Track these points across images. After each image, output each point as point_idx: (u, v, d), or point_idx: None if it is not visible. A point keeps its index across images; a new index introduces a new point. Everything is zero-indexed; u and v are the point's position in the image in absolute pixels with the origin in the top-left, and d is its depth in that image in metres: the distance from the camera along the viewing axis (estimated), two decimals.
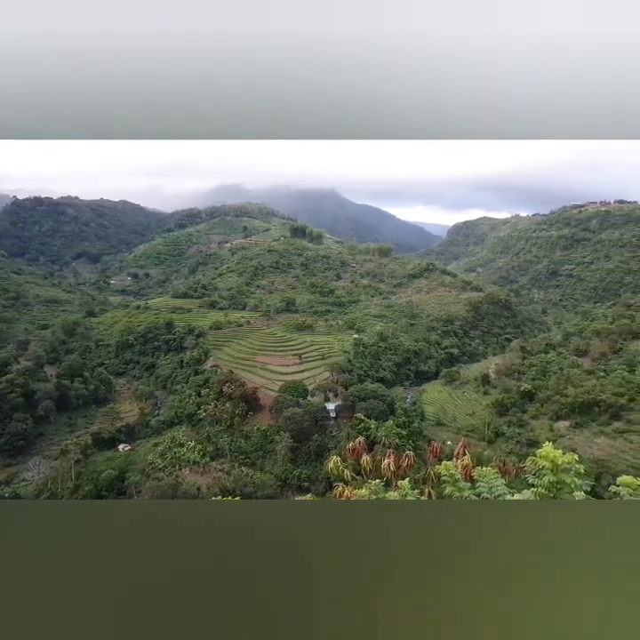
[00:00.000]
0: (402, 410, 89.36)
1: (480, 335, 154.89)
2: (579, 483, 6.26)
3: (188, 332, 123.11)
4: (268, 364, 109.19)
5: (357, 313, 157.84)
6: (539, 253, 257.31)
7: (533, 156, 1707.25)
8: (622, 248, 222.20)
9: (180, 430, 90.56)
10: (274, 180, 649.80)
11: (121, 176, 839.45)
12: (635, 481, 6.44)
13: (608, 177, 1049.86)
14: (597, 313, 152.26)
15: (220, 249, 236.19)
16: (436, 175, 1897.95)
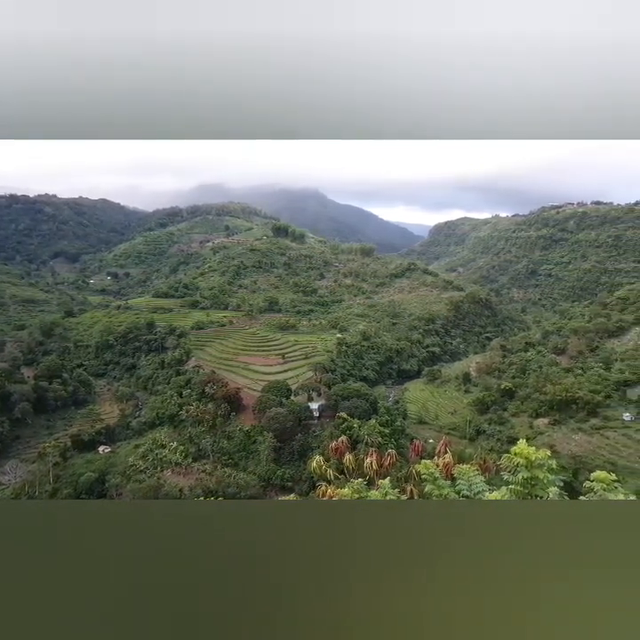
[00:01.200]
0: (384, 409, 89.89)
1: (461, 334, 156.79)
2: (551, 478, 6.38)
3: (169, 333, 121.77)
4: (251, 363, 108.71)
5: (340, 312, 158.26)
6: (518, 253, 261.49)
7: (516, 157, 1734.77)
8: (598, 248, 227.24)
9: (161, 431, 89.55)
10: (256, 180, 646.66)
11: (100, 174, 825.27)
12: (608, 476, 6.59)
13: (587, 178, 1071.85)
14: (575, 312, 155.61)
15: (202, 248, 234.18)
16: (419, 176, 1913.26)
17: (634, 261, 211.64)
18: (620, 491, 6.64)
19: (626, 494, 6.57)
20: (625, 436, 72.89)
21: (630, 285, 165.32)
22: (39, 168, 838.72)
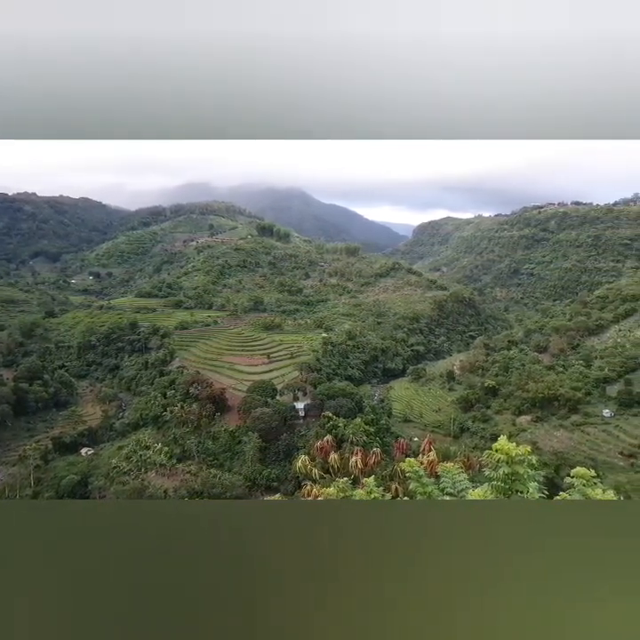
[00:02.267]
0: (370, 407, 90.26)
1: (445, 333, 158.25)
2: (531, 473, 6.50)
3: (152, 333, 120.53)
4: (236, 363, 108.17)
5: (326, 312, 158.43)
6: (501, 253, 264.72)
7: (500, 157, 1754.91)
8: (579, 248, 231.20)
9: (145, 433, 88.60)
10: (241, 179, 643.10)
11: (81, 173, 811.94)
12: (588, 472, 6.73)
13: (570, 178, 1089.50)
14: (556, 310, 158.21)
15: (186, 247, 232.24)
16: (404, 176, 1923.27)
17: (612, 261, 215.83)
18: (599, 487, 6.79)
19: (605, 490, 6.71)
20: (605, 432, 74.33)
21: (609, 284, 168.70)
22: (18, 167, 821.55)
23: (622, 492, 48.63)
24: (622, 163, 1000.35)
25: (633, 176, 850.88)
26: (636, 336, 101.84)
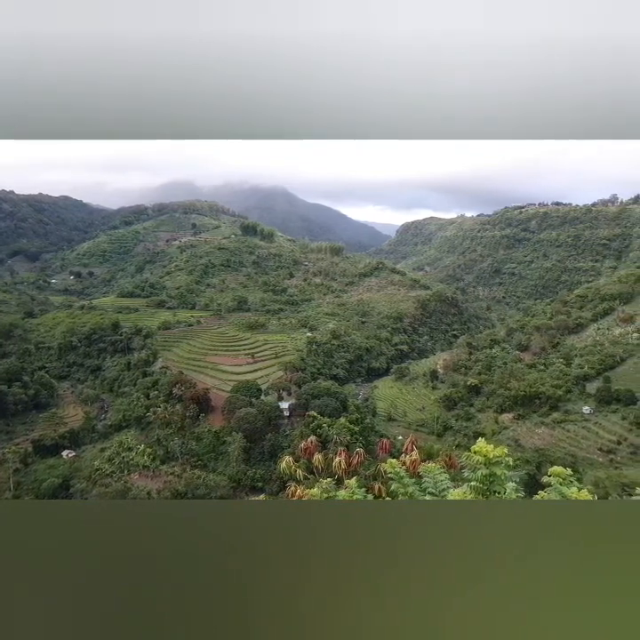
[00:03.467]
0: (354, 406, 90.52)
1: (428, 332, 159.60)
2: (508, 474, 6.64)
3: (135, 333, 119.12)
4: (220, 364, 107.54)
5: (310, 311, 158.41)
6: (483, 252, 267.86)
7: (484, 157, 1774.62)
8: (559, 248, 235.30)
9: (128, 434, 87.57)
10: (225, 178, 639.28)
11: (61, 171, 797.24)
12: (564, 471, 6.88)
13: (553, 179, 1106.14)
14: (537, 309, 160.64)
15: (169, 247, 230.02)
16: (389, 176, 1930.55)
17: (591, 260, 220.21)
18: (575, 485, 6.94)
19: (580, 488, 6.87)
20: (584, 428, 75.80)
21: (588, 284, 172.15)
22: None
23: (601, 488, 49.70)
24: (602, 163, 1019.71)
25: (611, 177, 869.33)
26: (614, 334, 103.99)
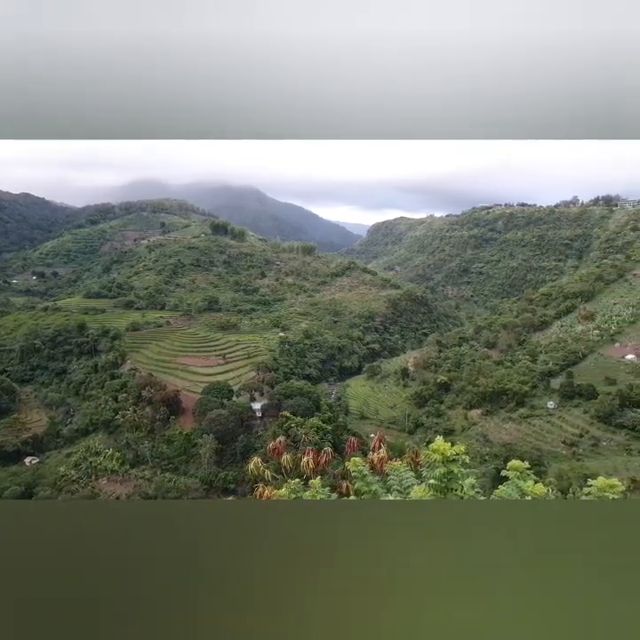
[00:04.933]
0: (327, 406, 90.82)
1: (399, 330, 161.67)
2: (465, 472, 6.80)
3: (102, 334, 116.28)
4: (191, 365, 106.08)
5: (282, 311, 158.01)
6: (452, 252, 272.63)
7: (453, 158, 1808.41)
8: (524, 247, 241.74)
9: (95, 438, 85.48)
10: (195, 177, 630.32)
11: (22, 167, 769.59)
12: (522, 465, 7.12)
13: (520, 179, 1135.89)
14: (504, 307, 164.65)
15: (137, 246, 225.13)
16: (359, 176, 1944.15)
17: (555, 260, 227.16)
18: (532, 478, 7.18)
19: (537, 481, 7.11)
20: (549, 422, 78.20)
21: (552, 282, 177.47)
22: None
23: (565, 480, 51.33)
24: (566, 164, 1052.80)
25: (574, 178, 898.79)
26: (577, 331, 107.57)
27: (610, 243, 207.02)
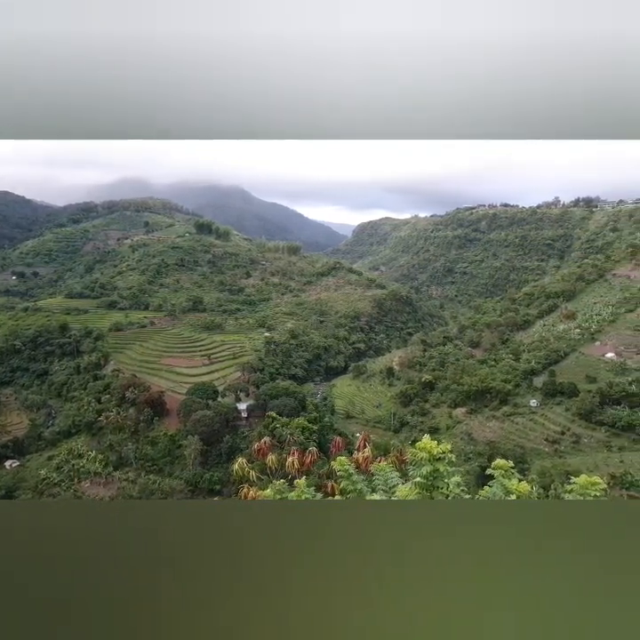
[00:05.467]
0: (313, 405, 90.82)
1: (384, 330, 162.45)
2: (450, 470, 6.88)
3: (85, 335, 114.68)
4: (175, 366, 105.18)
5: (268, 311, 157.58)
6: (436, 252, 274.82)
7: (438, 158, 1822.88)
8: (507, 247, 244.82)
9: (78, 440, 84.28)
10: (179, 176, 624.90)
11: (1, 165, 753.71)
12: (506, 463, 7.22)
13: (505, 180, 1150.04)
14: (488, 307, 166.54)
15: (120, 246, 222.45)
16: (345, 176, 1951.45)
17: (537, 260, 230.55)
18: (516, 476, 7.29)
19: (522, 479, 7.23)
20: (532, 420, 79.24)
21: (535, 282, 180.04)
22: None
23: (547, 477, 52.13)
24: (548, 165, 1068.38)
25: (556, 179, 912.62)
26: (558, 330, 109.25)
27: (590, 243, 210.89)
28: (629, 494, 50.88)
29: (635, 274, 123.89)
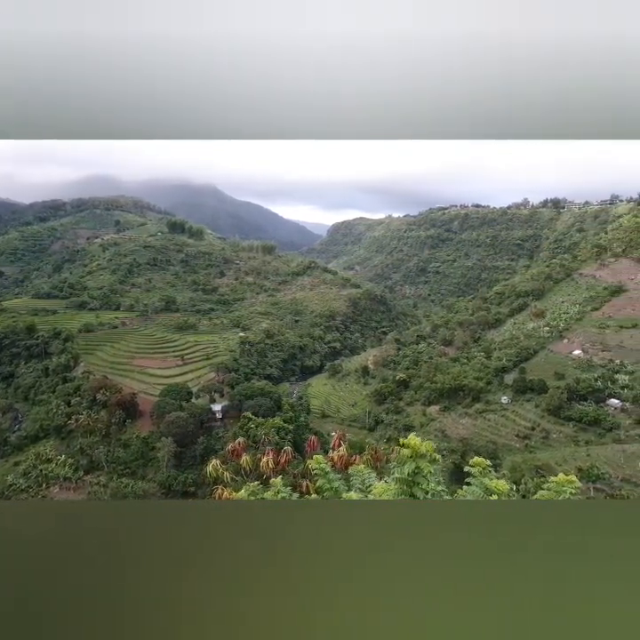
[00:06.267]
0: (289, 405, 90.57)
1: (359, 329, 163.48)
2: (432, 468, 6.98)
3: (53, 336, 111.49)
4: (148, 367, 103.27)
5: (243, 311, 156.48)
6: (409, 252, 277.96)
7: (414, 159, 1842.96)
8: (479, 247, 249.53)
9: (46, 445, 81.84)
10: (152, 175, 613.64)
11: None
12: (484, 462, 7.36)
13: (480, 180, 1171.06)
14: (460, 306, 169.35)
15: (90, 245, 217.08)
16: (319, 176, 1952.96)
17: (507, 259, 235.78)
18: (493, 475, 7.44)
19: (499, 478, 7.37)
20: (503, 417, 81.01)
21: (505, 281, 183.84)
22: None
23: (518, 471, 53.41)
24: (519, 167, 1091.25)
25: (526, 180, 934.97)
26: (528, 328, 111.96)
27: (558, 243, 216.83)
28: (595, 487, 52.60)
29: (600, 273, 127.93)
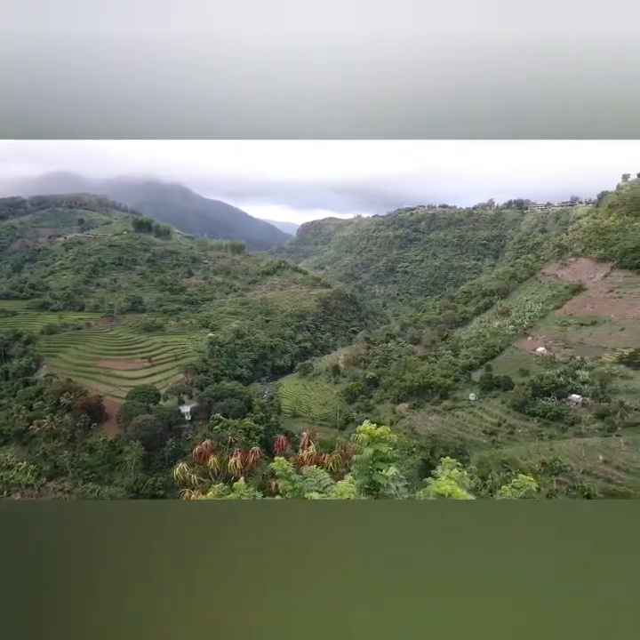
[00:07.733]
0: (259, 406, 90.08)
1: (330, 328, 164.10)
2: (392, 451, 7.13)
3: (13, 338, 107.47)
4: (114, 369, 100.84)
5: (212, 311, 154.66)
6: (378, 252, 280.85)
7: (380, 159, 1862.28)
8: (446, 247, 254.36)
9: (7, 451, 78.84)
10: (116, 172, 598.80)
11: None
12: (452, 461, 7.56)
13: (445, 182, 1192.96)
14: (428, 305, 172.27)
15: (52, 244, 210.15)
16: (289, 176, 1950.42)
17: (474, 259, 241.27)
18: (462, 474, 7.64)
19: (466, 477, 7.58)
20: (471, 413, 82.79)
21: (472, 280, 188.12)
22: None
23: (485, 467, 54.71)
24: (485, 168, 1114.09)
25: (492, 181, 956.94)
26: (494, 326, 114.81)
27: (522, 243, 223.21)
28: (558, 480, 54.41)
29: (561, 272, 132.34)
